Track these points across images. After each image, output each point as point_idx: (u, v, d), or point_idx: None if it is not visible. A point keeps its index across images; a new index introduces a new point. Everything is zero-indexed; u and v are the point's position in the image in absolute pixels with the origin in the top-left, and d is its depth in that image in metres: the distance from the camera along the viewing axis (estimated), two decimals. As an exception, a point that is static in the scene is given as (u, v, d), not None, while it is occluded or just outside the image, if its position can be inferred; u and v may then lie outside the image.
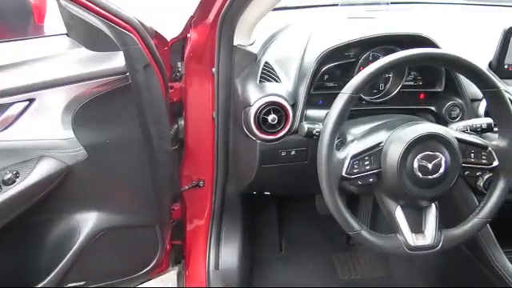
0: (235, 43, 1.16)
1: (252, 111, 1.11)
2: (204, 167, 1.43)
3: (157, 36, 1.26)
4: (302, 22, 1.33)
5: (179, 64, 1.40)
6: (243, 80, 1.18)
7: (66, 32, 1.29)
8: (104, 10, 1.02)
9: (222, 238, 1.46)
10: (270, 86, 1.13)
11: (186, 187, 1.48)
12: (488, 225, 1.05)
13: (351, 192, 1.10)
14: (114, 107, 1.16)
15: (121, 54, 1.08)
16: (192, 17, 1.26)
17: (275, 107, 1.11)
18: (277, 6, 1.21)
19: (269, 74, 1.15)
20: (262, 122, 1.12)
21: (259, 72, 1.15)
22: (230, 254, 1.44)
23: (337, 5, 1.43)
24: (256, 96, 1.12)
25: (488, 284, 1.32)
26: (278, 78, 1.15)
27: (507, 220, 1.32)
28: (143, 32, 1.11)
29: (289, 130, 1.13)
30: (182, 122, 1.43)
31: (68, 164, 1.17)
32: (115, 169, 1.23)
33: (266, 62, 1.17)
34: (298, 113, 1.13)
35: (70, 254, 1.29)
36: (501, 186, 1.01)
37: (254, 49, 1.20)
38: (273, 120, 1.11)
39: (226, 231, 1.47)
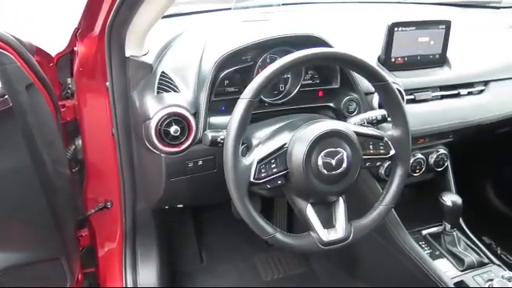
0: (127, 54, 1.09)
1: (152, 124, 1.06)
2: (110, 187, 1.35)
3: (39, 52, 1.16)
4: (196, 28, 1.30)
5: (69, 80, 1.30)
6: (140, 92, 1.12)
7: None
8: (-32, 27, 0.90)
9: (137, 258, 1.39)
10: (169, 97, 1.09)
11: (93, 210, 1.39)
12: (392, 209, 1.11)
13: (263, 196, 1.10)
14: (-6, 135, 1.04)
15: (-4, 74, 0.97)
16: (77, 29, 1.17)
17: (176, 118, 1.06)
18: (168, 13, 1.17)
19: (166, 84, 1.11)
20: (164, 135, 1.07)
21: (156, 83, 1.10)
22: (148, 275, 1.37)
23: (230, 9, 1.42)
24: (155, 108, 1.07)
25: (397, 263, 1.40)
26: (176, 87, 1.11)
27: (409, 202, 1.41)
28: (21, 48, 1.01)
29: (193, 140, 1.09)
30: (79, 142, 1.34)
31: None
32: (4, 203, 1.11)
33: (162, 72, 1.13)
34: (201, 121, 1.10)
35: None
36: (399, 173, 1.06)
37: (149, 59, 1.14)
38: (175, 132, 1.06)
39: (141, 251, 1.40)
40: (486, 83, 1.49)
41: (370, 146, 1.03)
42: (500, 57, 1.58)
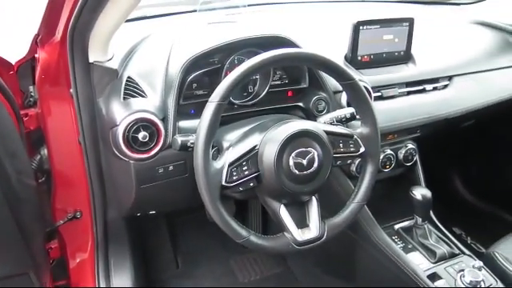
0: (91, 60, 1.06)
1: (120, 131, 1.03)
2: (79, 196, 1.31)
3: (-3, 60, 1.11)
4: (162, 32, 1.28)
5: (31, 88, 1.25)
6: (106, 99, 1.09)
7: None
8: None
9: (111, 268, 1.35)
10: (136, 102, 1.07)
11: (62, 221, 1.34)
12: (365, 205, 1.12)
13: (235, 198, 1.09)
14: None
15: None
16: (37, 35, 1.13)
17: (144, 124, 1.04)
18: (132, 17, 1.15)
19: (133, 90, 1.08)
20: (132, 141, 1.04)
21: (122, 88, 1.08)
22: (122, 284, 1.34)
23: (195, 11, 1.41)
24: (122, 114, 1.04)
25: (372, 258, 1.42)
26: (143, 92, 1.09)
27: (381, 197, 1.43)
28: (-23, 57, 0.97)
29: (162, 146, 1.08)
30: (45, 151, 1.30)
31: None
32: None
33: (128, 77, 1.10)
34: (170, 126, 1.08)
35: None
36: (369, 170, 1.08)
37: (114, 64, 1.11)
38: (144, 137, 1.04)
39: (114, 260, 1.37)
40: (449, 78, 1.53)
41: (340, 145, 1.04)
42: (462, 52, 1.62)
